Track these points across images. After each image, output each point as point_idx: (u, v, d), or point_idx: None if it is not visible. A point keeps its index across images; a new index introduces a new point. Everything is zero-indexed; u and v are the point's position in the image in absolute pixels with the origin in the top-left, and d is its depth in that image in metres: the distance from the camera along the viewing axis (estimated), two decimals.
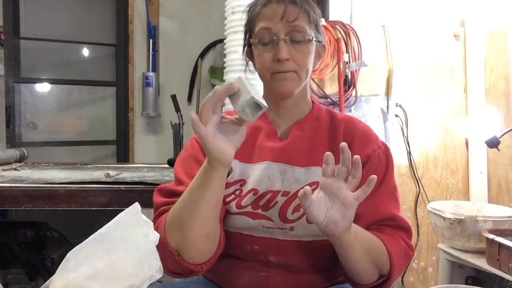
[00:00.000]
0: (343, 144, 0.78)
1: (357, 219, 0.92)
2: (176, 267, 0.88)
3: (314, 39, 0.96)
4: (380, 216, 0.94)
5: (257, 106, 0.77)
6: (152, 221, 0.93)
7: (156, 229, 0.86)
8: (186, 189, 0.86)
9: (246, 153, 0.99)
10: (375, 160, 0.98)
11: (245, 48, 1.05)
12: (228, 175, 0.98)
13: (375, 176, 0.77)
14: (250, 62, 1.06)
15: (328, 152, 0.79)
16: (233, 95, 0.78)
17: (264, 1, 0.97)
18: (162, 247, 0.83)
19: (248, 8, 1.02)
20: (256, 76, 1.03)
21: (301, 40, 0.95)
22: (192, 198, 0.83)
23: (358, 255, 0.86)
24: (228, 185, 0.97)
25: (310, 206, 0.78)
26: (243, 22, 1.04)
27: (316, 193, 0.80)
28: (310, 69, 0.99)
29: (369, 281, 0.91)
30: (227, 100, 0.81)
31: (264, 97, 1.05)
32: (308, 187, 0.79)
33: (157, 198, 0.96)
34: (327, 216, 0.79)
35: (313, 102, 1.07)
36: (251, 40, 0.99)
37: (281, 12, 0.93)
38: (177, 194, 0.92)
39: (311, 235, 0.92)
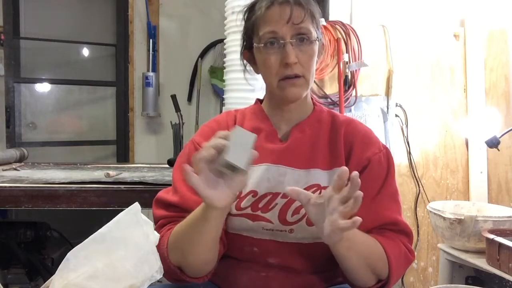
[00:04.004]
0: (355, 173, 0.75)
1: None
2: (178, 278, 0.91)
3: (318, 39, 0.96)
4: (382, 220, 0.94)
5: (234, 166, 0.74)
6: None
7: (158, 244, 0.87)
8: (187, 218, 0.88)
9: None
10: (376, 164, 0.97)
11: (243, 51, 1.04)
12: None
13: (359, 219, 0.74)
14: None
15: (344, 169, 0.77)
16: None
17: (267, 4, 0.94)
18: (164, 262, 0.85)
19: (245, 11, 1.00)
20: (254, 76, 1.02)
21: (307, 42, 0.94)
22: (192, 230, 0.86)
23: (353, 263, 0.87)
24: None
25: (308, 203, 0.80)
26: (241, 24, 1.03)
27: (318, 197, 0.81)
28: (315, 69, 0.99)
29: (366, 285, 0.91)
30: (228, 100, 0.81)
31: (267, 99, 1.06)
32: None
33: (156, 211, 0.98)
34: (321, 224, 0.80)
35: (314, 104, 1.06)
36: (254, 44, 0.98)
37: (287, 15, 0.92)
38: (174, 206, 0.95)
39: (310, 237, 0.92)
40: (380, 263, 0.89)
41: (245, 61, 1.05)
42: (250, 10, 0.99)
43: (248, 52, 1.02)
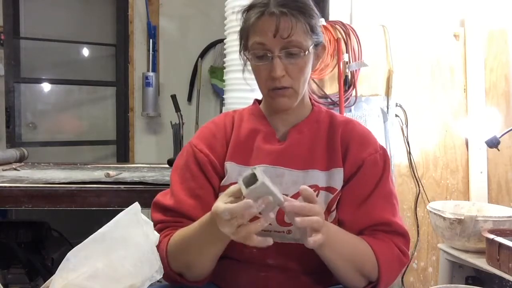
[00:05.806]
0: (303, 187, 0.79)
1: (350, 224, 0.94)
2: (177, 283, 0.92)
3: (310, 49, 0.94)
4: (373, 221, 0.94)
5: (254, 178, 0.75)
6: None
7: (158, 249, 0.87)
8: (193, 231, 0.88)
9: (243, 156, 0.99)
10: (370, 164, 0.97)
11: (241, 49, 1.03)
12: (223, 177, 0.98)
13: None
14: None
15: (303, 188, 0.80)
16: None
17: (258, 13, 0.92)
18: (164, 268, 0.86)
19: (242, 11, 0.99)
20: (253, 76, 1.02)
21: (296, 54, 0.92)
22: (200, 244, 0.87)
23: (339, 264, 0.88)
24: (224, 188, 0.96)
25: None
26: (239, 23, 1.02)
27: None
28: (308, 78, 0.98)
29: (356, 287, 0.91)
30: (228, 100, 0.80)
31: (263, 104, 1.06)
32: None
33: (154, 214, 0.99)
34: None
35: (312, 104, 1.06)
36: (245, 53, 0.98)
37: (274, 28, 0.90)
38: (171, 211, 0.96)
39: None
40: (368, 264, 0.89)
41: (244, 58, 1.03)
42: (246, 12, 0.98)
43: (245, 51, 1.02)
